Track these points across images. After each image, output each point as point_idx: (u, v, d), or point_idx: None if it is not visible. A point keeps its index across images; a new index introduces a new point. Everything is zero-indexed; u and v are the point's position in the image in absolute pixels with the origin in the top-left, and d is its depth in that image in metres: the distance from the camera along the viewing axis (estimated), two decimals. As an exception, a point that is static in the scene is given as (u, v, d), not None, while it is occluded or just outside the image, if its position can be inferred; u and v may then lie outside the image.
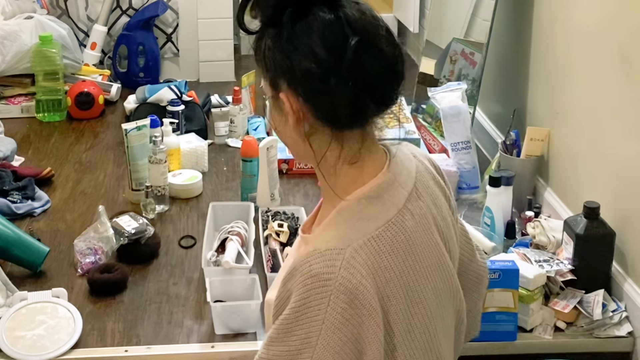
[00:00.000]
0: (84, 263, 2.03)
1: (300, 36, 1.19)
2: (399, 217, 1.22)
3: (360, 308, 1.14)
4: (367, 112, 1.23)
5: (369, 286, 1.15)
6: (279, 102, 1.24)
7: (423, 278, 1.23)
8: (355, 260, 1.16)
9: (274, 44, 1.21)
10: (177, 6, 3.64)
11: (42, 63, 3.12)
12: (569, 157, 2.21)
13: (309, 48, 1.18)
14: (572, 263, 1.88)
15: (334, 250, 1.16)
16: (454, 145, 2.46)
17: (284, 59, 1.20)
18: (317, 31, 1.19)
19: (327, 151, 1.24)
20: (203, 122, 2.91)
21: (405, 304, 1.20)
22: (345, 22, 1.19)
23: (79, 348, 1.75)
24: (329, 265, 1.15)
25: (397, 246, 1.20)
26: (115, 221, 2.12)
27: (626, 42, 1.89)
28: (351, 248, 1.17)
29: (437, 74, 2.90)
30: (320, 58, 1.18)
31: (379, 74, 1.21)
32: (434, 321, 1.25)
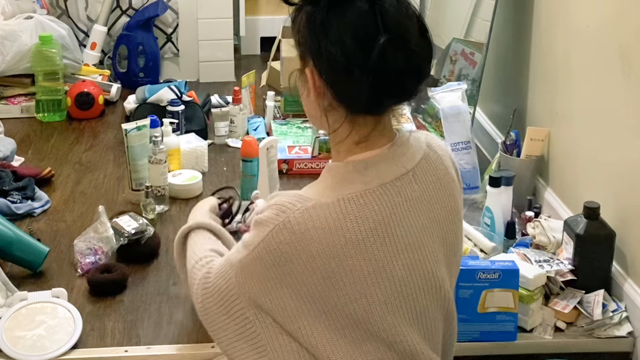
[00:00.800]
0: (84, 263, 2.03)
1: (333, 22, 1.22)
2: (381, 189, 1.25)
3: (298, 249, 1.23)
4: (384, 102, 1.28)
5: (315, 237, 1.22)
6: (304, 76, 1.29)
7: (392, 253, 1.25)
8: (314, 211, 1.23)
9: (307, 23, 1.26)
10: (177, 6, 3.64)
11: (42, 63, 3.12)
12: (569, 157, 2.21)
13: (338, 35, 1.22)
14: (572, 263, 1.88)
15: (302, 197, 1.25)
16: (454, 145, 2.46)
17: (314, 40, 1.24)
18: (349, 20, 1.22)
19: (339, 127, 1.29)
20: (203, 122, 2.91)
21: (366, 268, 1.23)
22: (380, 16, 1.21)
23: (79, 348, 1.75)
24: (291, 203, 1.24)
25: (367, 214, 1.23)
26: (115, 221, 2.12)
27: (626, 42, 1.89)
28: (316, 201, 1.24)
29: (437, 74, 2.90)
30: (347, 48, 1.21)
31: (402, 72, 1.24)
32: (405, 298, 1.27)
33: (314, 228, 1.22)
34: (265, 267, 1.26)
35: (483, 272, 1.74)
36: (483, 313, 1.76)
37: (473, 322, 1.77)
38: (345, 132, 1.29)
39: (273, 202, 1.27)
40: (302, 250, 1.23)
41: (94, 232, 2.09)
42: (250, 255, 1.27)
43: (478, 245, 1.99)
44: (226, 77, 3.68)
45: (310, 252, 1.22)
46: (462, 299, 1.75)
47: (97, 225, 2.10)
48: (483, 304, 1.76)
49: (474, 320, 1.77)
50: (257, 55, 4.10)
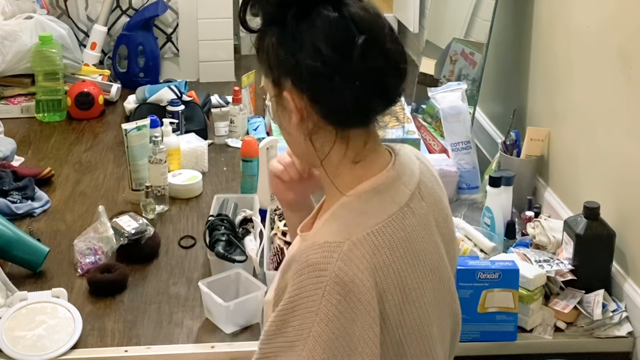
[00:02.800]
0: (84, 263, 2.03)
1: (305, 35, 1.18)
2: (400, 214, 1.21)
3: (355, 302, 1.13)
4: (373, 109, 1.23)
5: (365, 280, 1.14)
6: (283, 101, 1.23)
7: (421, 277, 1.22)
8: (352, 253, 1.15)
9: (278, 43, 1.21)
10: (177, 6, 3.64)
11: (42, 63, 3.12)
12: (569, 157, 2.21)
13: (314, 47, 1.18)
14: (572, 263, 1.88)
15: (332, 243, 1.15)
16: (454, 145, 2.46)
17: (289, 57, 1.19)
18: (322, 30, 1.18)
19: (331, 150, 1.24)
20: (203, 122, 2.91)
21: (401, 301, 1.19)
22: (351, 21, 1.19)
23: (79, 348, 1.75)
24: (325, 257, 1.14)
25: (397, 243, 1.19)
26: (115, 221, 2.12)
27: (626, 42, 1.89)
28: (349, 242, 1.15)
29: (437, 74, 2.90)
30: (326, 57, 1.17)
31: (384, 72, 1.21)
32: (430, 321, 1.24)
33: (359, 272, 1.14)
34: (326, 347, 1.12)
35: (483, 272, 1.74)
36: (483, 313, 1.76)
37: (473, 322, 1.77)
38: (339, 151, 1.23)
39: (300, 266, 1.15)
40: (358, 302, 1.13)
41: (94, 232, 2.09)
42: (306, 345, 1.12)
43: (478, 245, 1.99)
44: (226, 77, 3.68)
45: (366, 301, 1.14)
46: (462, 299, 1.73)
47: (97, 225, 2.10)
48: (483, 304, 1.76)
49: (474, 320, 1.77)
50: (257, 55, 4.09)
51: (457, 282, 1.73)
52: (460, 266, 1.75)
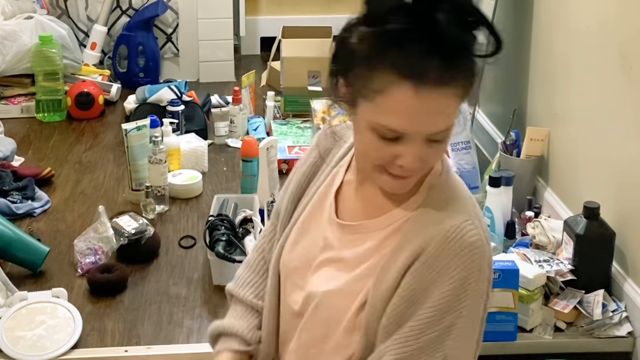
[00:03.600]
0: (84, 263, 2.03)
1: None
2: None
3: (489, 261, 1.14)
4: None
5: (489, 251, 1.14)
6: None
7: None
8: (482, 224, 1.14)
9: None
10: (177, 6, 3.64)
11: (42, 63, 3.12)
12: (569, 157, 2.21)
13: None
14: (572, 263, 1.87)
15: (466, 222, 1.11)
16: (454, 145, 2.46)
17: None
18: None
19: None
20: (203, 122, 2.91)
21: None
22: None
23: (79, 348, 1.75)
24: (470, 229, 1.10)
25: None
26: (115, 221, 2.12)
27: (626, 42, 1.89)
28: (475, 216, 1.13)
29: (437, 74, 2.89)
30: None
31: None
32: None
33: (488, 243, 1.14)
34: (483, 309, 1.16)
35: (483, 272, 1.74)
36: (483, 313, 1.76)
37: (473, 322, 1.77)
38: None
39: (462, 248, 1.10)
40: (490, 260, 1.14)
41: (94, 232, 2.09)
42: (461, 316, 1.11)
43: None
44: (226, 77, 3.68)
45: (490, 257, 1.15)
46: (462, 299, 1.75)
47: (97, 225, 2.10)
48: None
49: (474, 320, 1.76)
50: (257, 55, 4.10)
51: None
52: (460, 266, 1.75)
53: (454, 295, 1.09)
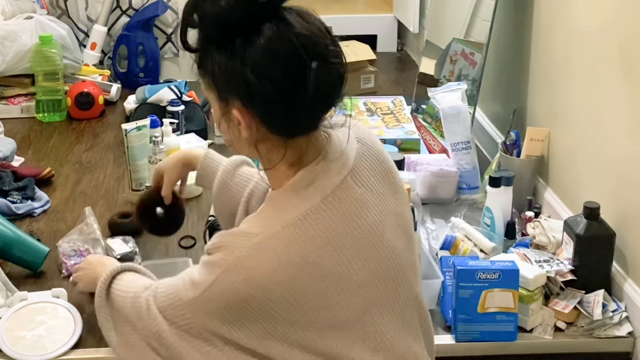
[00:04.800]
0: (69, 265, 2.02)
1: (255, 59, 1.21)
2: (322, 205, 1.27)
3: (253, 287, 1.24)
4: (319, 120, 1.29)
5: (268, 271, 1.24)
6: (231, 117, 1.28)
7: (347, 260, 1.27)
8: (263, 245, 1.24)
9: (226, 64, 1.23)
10: (177, 6, 3.64)
11: (42, 63, 3.12)
12: (569, 157, 2.21)
13: (265, 72, 1.21)
14: (572, 263, 1.88)
15: (249, 234, 1.26)
16: (454, 145, 2.46)
17: (239, 80, 1.23)
18: (272, 55, 1.21)
19: (273, 155, 1.30)
20: (203, 122, 2.91)
21: (323, 284, 1.25)
22: (299, 45, 1.22)
23: (79, 348, 1.75)
24: (239, 242, 1.26)
25: (313, 234, 1.25)
26: (108, 242, 2.10)
27: (626, 42, 1.89)
28: (263, 235, 1.25)
29: (437, 74, 2.90)
30: (278, 82, 1.22)
31: (332, 86, 1.26)
32: (368, 298, 1.29)
33: (265, 263, 1.24)
34: (219, 308, 1.28)
35: (483, 272, 1.74)
36: (483, 313, 1.76)
37: (473, 322, 1.77)
38: (278, 157, 1.30)
39: (218, 243, 1.29)
40: (256, 286, 1.24)
41: (78, 234, 2.08)
42: (201, 296, 1.29)
43: (478, 245, 1.99)
44: (226, 77, 3.68)
45: (265, 286, 1.24)
46: (462, 299, 1.75)
47: (83, 227, 2.09)
48: (483, 304, 1.76)
49: (474, 320, 1.77)
50: (257, 55, 4.09)
51: (457, 282, 1.74)
52: (460, 266, 1.75)
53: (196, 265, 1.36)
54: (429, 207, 2.31)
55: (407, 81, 3.58)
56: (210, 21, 1.24)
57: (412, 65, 3.84)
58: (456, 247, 1.99)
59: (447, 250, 1.99)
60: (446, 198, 2.39)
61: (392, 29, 4.20)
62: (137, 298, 1.43)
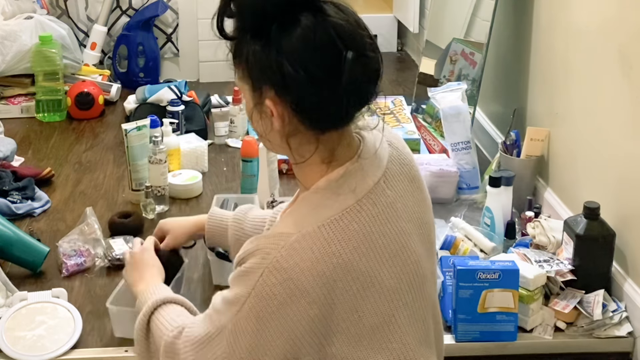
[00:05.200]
0: (69, 265, 2.02)
1: (291, 48, 1.20)
2: (357, 206, 1.26)
3: (292, 288, 1.21)
4: (352, 114, 1.28)
5: (305, 270, 1.21)
6: (264, 108, 1.26)
7: (378, 264, 1.26)
8: (299, 244, 1.22)
9: (262, 53, 1.23)
10: (177, 6, 3.64)
11: (42, 63, 3.12)
12: (569, 157, 2.21)
13: (301, 62, 1.20)
14: (572, 263, 1.88)
15: (284, 234, 1.24)
16: (454, 145, 2.46)
17: (274, 69, 1.22)
18: (308, 44, 1.20)
19: (305, 150, 1.28)
20: (203, 122, 2.91)
21: (355, 286, 1.23)
22: (336, 35, 1.21)
23: (79, 348, 1.75)
24: (273, 244, 1.23)
25: (349, 235, 1.24)
26: (109, 241, 2.10)
27: (626, 42, 1.89)
28: (299, 234, 1.23)
29: (437, 74, 2.90)
30: (313, 72, 1.20)
31: (366, 81, 1.25)
32: (395, 305, 1.27)
33: (302, 262, 1.21)
34: (259, 319, 1.23)
35: (483, 272, 1.74)
36: (483, 313, 1.76)
37: (473, 322, 1.77)
38: (310, 151, 1.28)
39: (252, 248, 1.25)
40: (295, 287, 1.21)
41: (78, 234, 2.08)
42: (241, 311, 1.24)
43: (478, 245, 1.99)
44: (226, 77, 3.67)
45: (303, 287, 1.21)
46: (462, 299, 1.75)
47: (84, 227, 2.10)
48: (483, 304, 1.76)
49: (474, 320, 1.77)
50: (257, 55, 4.09)
51: (457, 282, 1.74)
52: (460, 266, 1.75)
53: (232, 279, 1.29)
54: (429, 207, 2.31)
55: (407, 81, 3.58)
56: (248, 9, 1.23)
57: (412, 65, 3.85)
58: (456, 247, 1.99)
59: (447, 250, 1.99)
60: (446, 198, 2.39)
61: (392, 29, 4.20)
62: (172, 346, 1.37)
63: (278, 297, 1.21)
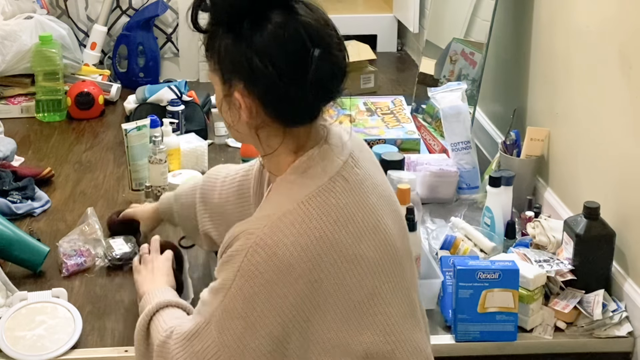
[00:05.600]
0: (69, 264, 2.02)
1: (261, 44, 1.26)
2: (331, 182, 1.30)
3: (277, 264, 1.24)
4: (320, 110, 1.33)
5: (289, 244, 1.25)
6: (232, 99, 1.31)
7: (358, 237, 1.29)
8: (281, 221, 1.26)
9: (233, 47, 1.28)
10: (177, 6, 3.64)
11: (42, 63, 3.12)
12: (569, 157, 2.21)
13: (270, 56, 1.25)
14: (572, 263, 1.88)
15: (264, 216, 1.29)
16: (454, 145, 2.46)
17: (243, 63, 1.27)
18: (276, 39, 1.25)
19: (273, 141, 1.34)
20: (203, 122, 2.91)
21: (339, 259, 1.27)
22: (305, 33, 1.26)
23: (79, 348, 1.75)
24: (256, 225, 1.27)
25: (328, 209, 1.28)
26: (109, 241, 2.10)
27: (626, 42, 1.89)
28: (280, 212, 1.27)
29: (437, 74, 2.90)
30: (281, 68, 1.25)
31: (333, 78, 1.30)
32: (378, 278, 1.31)
33: (285, 237, 1.25)
34: (246, 300, 1.26)
35: (483, 272, 1.74)
36: (483, 313, 1.76)
37: (473, 322, 1.77)
38: (277, 144, 1.33)
39: (234, 233, 1.29)
40: (280, 263, 1.24)
41: (79, 234, 2.08)
42: (228, 295, 1.27)
43: (478, 245, 1.99)
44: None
45: (288, 262, 1.24)
46: (462, 299, 1.75)
47: (84, 227, 2.09)
48: (483, 304, 1.76)
49: (474, 320, 1.77)
50: (257, 55, 4.09)
51: (457, 282, 1.74)
52: (460, 266, 1.75)
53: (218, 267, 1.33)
54: (429, 207, 2.31)
55: (407, 81, 3.58)
56: (222, 4, 1.29)
57: (412, 65, 3.84)
58: (456, 247, 1.99)
59: (447, 250, 1.99)
60: (446, 198, 2.39)
61: (392, 29, 4.20)
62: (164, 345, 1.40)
63: (264, 275, 1.24)
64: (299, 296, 1.25)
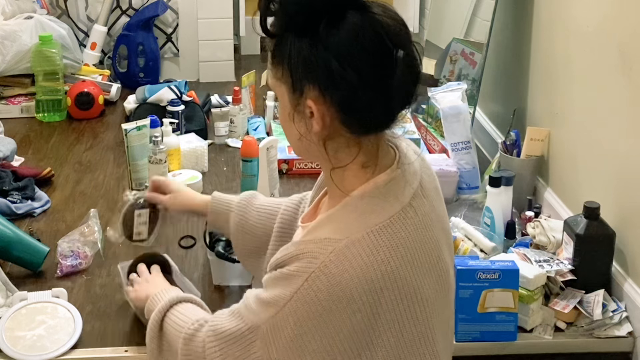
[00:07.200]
0: (65, 265, 2.01)
1: (339, 45, 1.17)
2: (402, 213, 1.23)
3: (338, 294, 1.17)
4: (395, 116, 1.24)
5: (354, 276, 1.17)
6: (303, 108, 1.22)
7: (421, 275, 1.23)
8: (349, 250, 1.18)
9: (308, 50, 1.18)
10: (177, 6, 3.64)
11: (42, 63, 3.12)
12: (569, 157, 2.21)
13: (350, 59, 1.16)
14: (572, 263, 1.88)
15: (331, 239, 1.20)
16: (454, 145, 2.46)
17: (320, 67, 1.18)
18: (357, 41, 1.17)
19: (344, 153, 1.25)
20: (203, 122, 2.91)
21: (399, 296, 1.20)
22: (385, 34, 1.18)
23: (79, 348, 1.75)
24: (321, 248, 1.19)
25: (397, 242, 1.21)
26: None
27: (626, 42, 1.89)
28: (348, 240, 1.19)
29: (437, 74, 2.90)
30: (362, 71, 1.17)
31: (413, 82, 1.22)
32: (431, 316, 1.25)
33: (351, 268, 1.17)
34: (299, 324, 1.19)
35: (483, 272, 1.74)
36: (483, 313, 1.76)
37: (473, 322, 1.77)
38: (350, 157, 1.24)
39: (294, 252, 1.21)
40: (341, 294, 1.17)
41: (79, 235, 2.08)
42: (280, 313, 1.20)
43: (478, 245, 1.99)
44: (226, 77, 3.68)
45: (350, 293, 1.17)
46: (462, 299, 1.75)
47: (84, 228, 2.09)
48: (483, 304, 1.76)
49: (474, 320, 1.77)
50: (257, 55, 4.10)
51: (457, 282, 1.74)
52: (460, 266, 1.75)
53: (272, 278, 1.24)
54: (429, 207, 2.31)
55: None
56: (294, 7, 1.19)
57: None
58: (456, 247, 1.99)
59: (447, 250, 1.99)
60: (446, 198, 2.36)
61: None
62: (193, 338, 1.35)
63: (322, 303, 1.17)
64: (354, 329, 1.18)
